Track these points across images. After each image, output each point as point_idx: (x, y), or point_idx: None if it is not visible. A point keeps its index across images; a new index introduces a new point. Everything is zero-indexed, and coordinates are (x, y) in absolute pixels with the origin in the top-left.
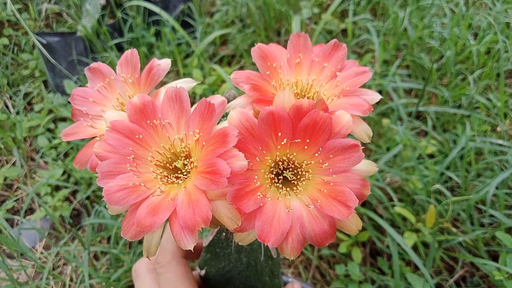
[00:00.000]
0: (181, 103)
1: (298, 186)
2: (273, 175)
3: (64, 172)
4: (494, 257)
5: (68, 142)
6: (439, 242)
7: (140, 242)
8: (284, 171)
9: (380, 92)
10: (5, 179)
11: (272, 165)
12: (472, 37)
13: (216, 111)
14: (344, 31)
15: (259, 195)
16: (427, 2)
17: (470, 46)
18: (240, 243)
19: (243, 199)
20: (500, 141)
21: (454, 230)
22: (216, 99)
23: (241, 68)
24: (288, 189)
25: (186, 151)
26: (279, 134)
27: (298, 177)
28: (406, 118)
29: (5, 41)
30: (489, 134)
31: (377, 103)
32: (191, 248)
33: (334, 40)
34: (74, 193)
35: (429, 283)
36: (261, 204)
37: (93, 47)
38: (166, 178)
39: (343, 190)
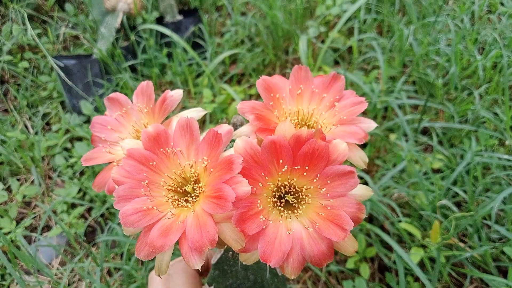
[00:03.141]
0: (192, 132)
1: (298, 209)
2: (275, 199)
3: (79, 190)
4: (505, 273)
5: None
6: (446, 258)
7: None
8: (286, 195)
9: (386, 108)
10: (24, 197)
11: (275, 189)
12: (479, 51)
13: (222, 140)
14: (350, 49)
15: (261, 218)
16: (432, 19)
17: (476, 62)
18: (244, 263)
19: (247, 222)
20: (506, 156)
21: (461, 245)
22: (223, 128)
23: (250, 86)
24: (289, 212)
25: (195, 176)
26: (281, 161)
27: (299, 200)
28: (411, 134)
29: (25, 64)
30: (497, 149)
31: (383, 118)
32: (199, 268)
33: (333, 72)
34: (89, 210)
35: None
36: (264, 227)
37: (108, 68)
38: (177, 201)
39: (340, 214)
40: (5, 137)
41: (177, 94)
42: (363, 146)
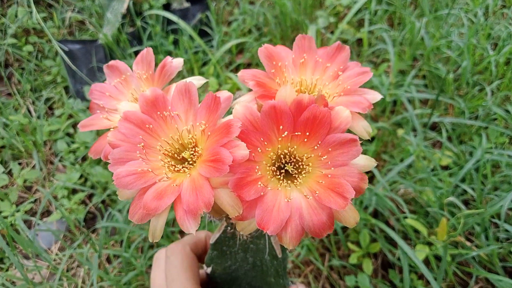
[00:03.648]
0: (190, 97)
1: (298, 179)
2: (275, 168)
3: (81, 176)
4: (511, 274)
5: (86, 147)
6: (452, 256)
7: (152, 246)
8: (286, 165)
9: (395, 102)
10: (25, 181)
11: (274, 157)
12: (492, 47)
13: (221, 104)
14: (360, 41)
15: (260, 185)
16: (445, 12)
17: (489, 57)
18: (241, 232)
19: (244, 188)
20: None
21: (468, 244)
22: (223, 94)
23: None
24: (289, 181)
25: (193, 142)
26: (281, 127)
27: (299, 170)
28: (420, 128)
29: (30, 48)
30: (507, 147)
31: (392, 112)
32: (193, 232)
33: (338, 42)
34: (90, 196)
35: None
36: (262, 194)
37: (113, 54)
38: (173, 166)
39: (341, 182)
40: (7, 121)
41: (177, 61)
42: (370, 141)
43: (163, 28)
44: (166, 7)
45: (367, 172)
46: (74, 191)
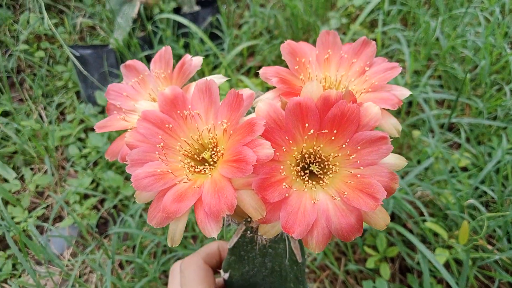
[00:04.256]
0: (211, 95)
1: (324, 180)
2: (299, 168)
3: (93, 181)
4: None
5: (97, 152)
6: (473, 260)
7: (165, 252)
8: (310, 165)
9: (410, 103)
10: (37, 186)
11: (299, 157)
12: (509, 46)
13: (244, 102)
14: None
15: (284, 186)
16: (460, 11)
17: (507, 56)
18: (264, 236)
19: (268, 189)
20: None
21: (489, 247)
22: (245, 91)
23: None
24: (314, 182)
25: (214, 142)
26: (306, 125)
27: (325, 171)
28: (438, 130)
29: (42, 54)
30: None
31: (407, 114)
32: (215, 236)
33: (364, 37)
34: (102, 201)
35: None
36: (286, 195)
37: (124, 59)
38: (193, 168)
39: (371, 182)
40: (19, 126)
41: (196, 60)
42: None
43: (173, 32)
44: (177, 11)
45: None
46: (86, 196)
